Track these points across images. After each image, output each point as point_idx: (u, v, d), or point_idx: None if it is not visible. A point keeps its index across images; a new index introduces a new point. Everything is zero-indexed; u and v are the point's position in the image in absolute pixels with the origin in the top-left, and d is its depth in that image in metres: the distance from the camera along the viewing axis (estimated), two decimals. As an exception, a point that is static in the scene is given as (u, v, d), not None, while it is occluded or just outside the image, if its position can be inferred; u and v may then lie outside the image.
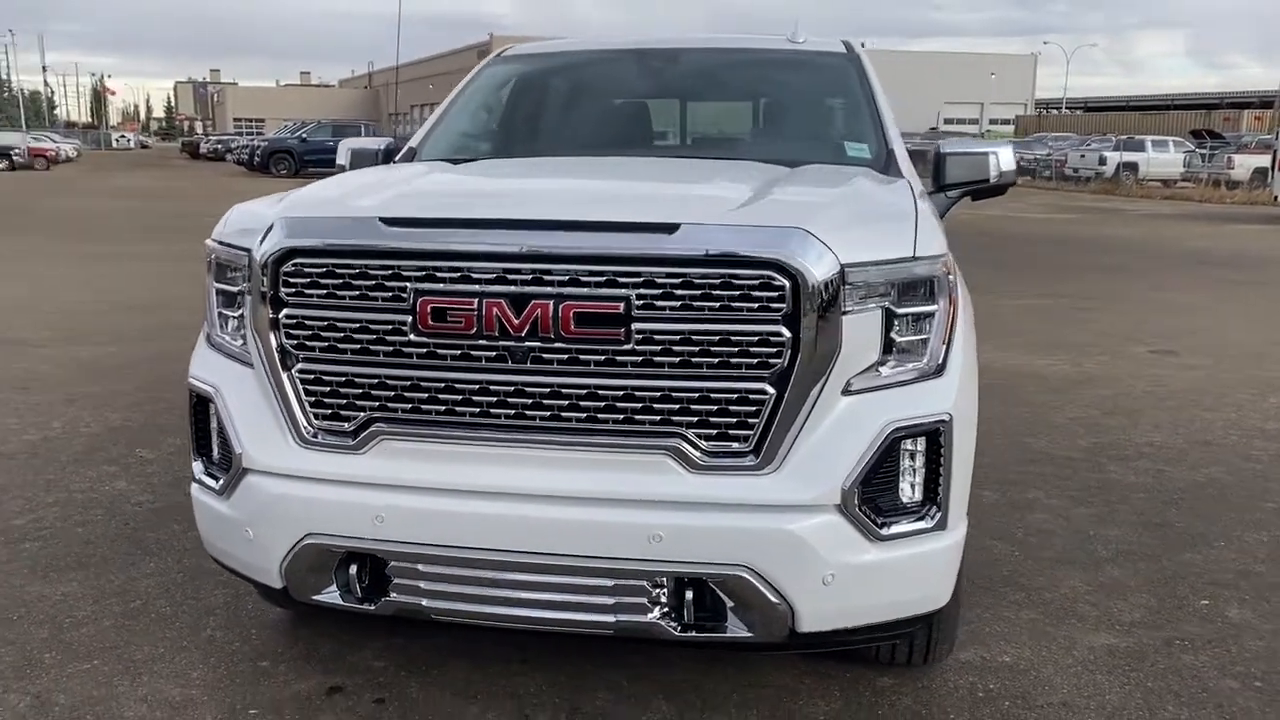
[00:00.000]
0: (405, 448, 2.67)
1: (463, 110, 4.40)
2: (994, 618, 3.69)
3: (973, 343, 2.91)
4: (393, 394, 2.65)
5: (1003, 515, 4.72)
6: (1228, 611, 3.76)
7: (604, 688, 3.19)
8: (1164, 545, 4.38)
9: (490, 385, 2.59)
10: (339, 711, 3.05)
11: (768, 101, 4.44)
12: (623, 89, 4.34)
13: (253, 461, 2.77)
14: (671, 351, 2.51)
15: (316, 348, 2.68)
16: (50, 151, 49.64)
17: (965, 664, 3.36)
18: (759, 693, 3.18)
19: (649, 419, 2.55)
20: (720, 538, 2.54)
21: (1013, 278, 13.03)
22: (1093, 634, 3.57)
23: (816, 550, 2.54)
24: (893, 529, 2.61)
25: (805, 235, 2.50)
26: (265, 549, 2.78)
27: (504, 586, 2.64)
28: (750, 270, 2.47)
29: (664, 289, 2.48)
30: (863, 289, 2.56)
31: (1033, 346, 8.70)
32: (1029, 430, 6.15)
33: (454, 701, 3.11)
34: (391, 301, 2.60)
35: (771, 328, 2.48)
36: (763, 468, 2.54)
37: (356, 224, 2.66)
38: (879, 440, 2.56)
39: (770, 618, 2.58)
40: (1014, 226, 21.10)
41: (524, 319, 2.51)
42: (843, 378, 2.57)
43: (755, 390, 2.52)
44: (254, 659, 3.35)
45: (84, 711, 3.03)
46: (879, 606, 2.69)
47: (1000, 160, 3.91)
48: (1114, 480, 5.24)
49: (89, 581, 3.90)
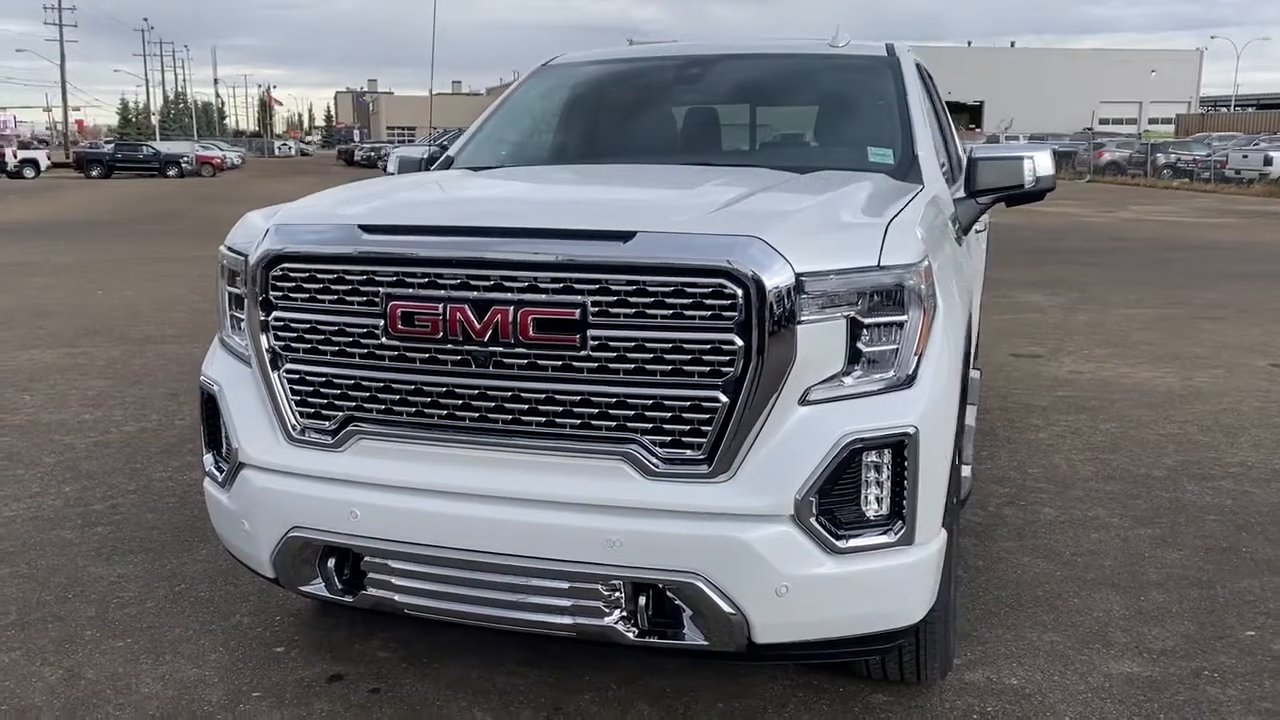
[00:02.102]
0: (380, 447, 2.77)
1: (501, 118, 4.51)
2: (1014, 639, 3.56)
3: (956, 353, 2.82)
4: (368, 395, 2.76)
5: (1056, 533, 4.54)
6: (1273, 645, 3.53)
7: (590, 690, 3.22)
8: (1223, 571, 4.14)
9: (456, 389, 2.66)
10: (334, 699, 3.18)
11: (794, 107, 4.39)
12: (652, 97, 4.36)
13: (248, 456, 2.92)
14: (626, 358, 2.53)
15: (301, 349, 2.81)
16: (216, 159, 52.66)
17: (968, 685, 3.26)
18: (745, 703, 3.16)
19: (605, 425, 2.58)
20: (673, 545, 2.54)
21: (1138, 285, 12.44)
22: (1115, 661, 3.41)
23: (768, 561, 2.52)
24: (852, 542, 2.56)
25: (759, 244, 2.48)
26: (257, 540, 2.93)
27: (468, 585, 2.71)
28: (703, 278, 2.47)
29: (619, 296, 2.51)
30: (821, 298, 2.52)
31: (1141, 358, 8.31)
32: (1112, 446, 5.88)
33: (443, 695, 3.20)
34: (366, 305, 2.70)
35: (724, 336, 2.47)
36: (716, 476, 2.54)
37: (337, 231, 2.77)
38: (835, 451, 2.51)
39: (725, 627, 2.57)
40: (1156, 231, 20.12)
41: (485, 324, 2.57)
42: (800, 387, 2.54)
43: (708, 398, 2.51)
44: (270, 645, 3.52)
45: (105, 686, 3.25)
46: (838, 621, 2.64)
47: (1036, 165, 3.76)
48: (1189, 501, 4.97)
49: (144, 565, 4.16)
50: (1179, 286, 12.40)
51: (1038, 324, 9.97)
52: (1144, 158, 40.62)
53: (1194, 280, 13.00)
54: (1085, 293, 11.96)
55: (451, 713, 3.10)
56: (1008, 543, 4.43)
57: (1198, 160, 37.97)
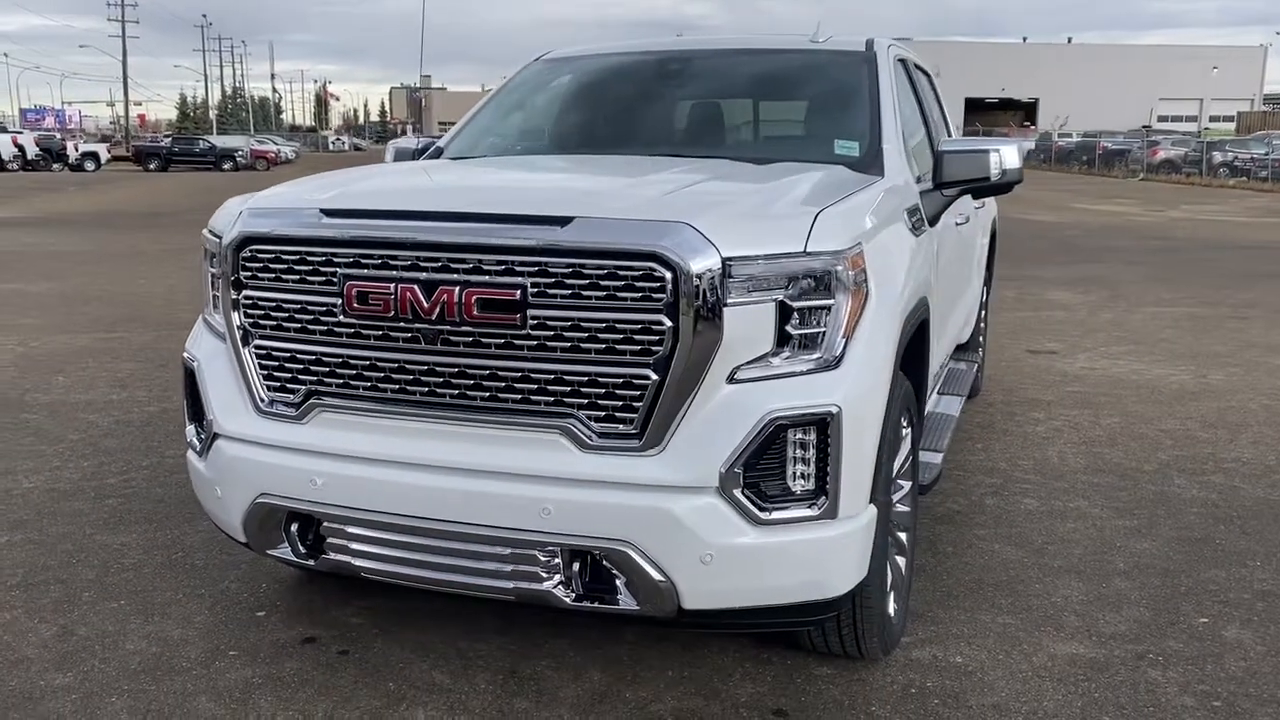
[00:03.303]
0: (339, 419, 2.94)
1: (490, 111, 4.67)
2: (968, 620, 3.65)
3: (890, 338, 2.92)
4: (328, 370, 2.93)
5: (1032, 522, 4.61)
6: (1224, 631, 3.58)
7: (547, 656, 3.37)
8: (1192, 561, 4.18)
9: (407, 364, 2.82)
10: (304, 658, 3.36)
11: (765, 100, 4.49)
12: (630, 91, 4.48)
13: (221, 427, 3.11)
14: (563, 337, 2.67)
15: (268, 326, 2.99)
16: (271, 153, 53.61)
17: (912, 661, 3.36)
18: (693, 671, 3.29)
19: (544, 400, 2.73)
20: (605, 514, 2.68)
21: (1173, 284, 12.32)
22: (1063, 643, 3.48)
23: (693, 530, 2.65)
24: (775, 514, 2.68)
25: (688, 229, 2.61)
26: (229, 506, 3.12)
27: (418, 550, 2.87)
28: (634, 262, 2.60)
29: (556, 278, 2.65)
30: (749, 282, 2.65)
31: (1159, 356, 8.27)
32: (1109, 440, 5.90)
33: (407, 658, 3.36)
34: (325, 285, 2.87)
35: (654, 317, 2.61)
36: (647, 449, 2.67)
37: (300, 215, 2.95)
38: (759, 428, 2.63)
39: (655, 593, 2.71)
40: (1204, 230, 19.80)
41: (433, 303, 2.73)
42: (728, 366, 2.67)
43: (639, 376, 2.65)
44: (253, 609, 3.71)
45: (94, 642, 3.46)
46: (762, 590, 2.77)
47: (1003, 158, 3.84)
48: (1174, 494, 5.00)
49: (147, 534, 4.38)
50: (1215, 286, 12.25)
51: (1061, 321, 9.94)
52: (1199, 156, 39.85)
53: (1232, 280, 12.83)
54: (1116, 291, 11.87)
55: (412, 674, 3.27)
56: (982, 530, 4.51)
57: (1255, 159, 37.19)
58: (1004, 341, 8.77)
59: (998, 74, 79.24)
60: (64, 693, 3.15)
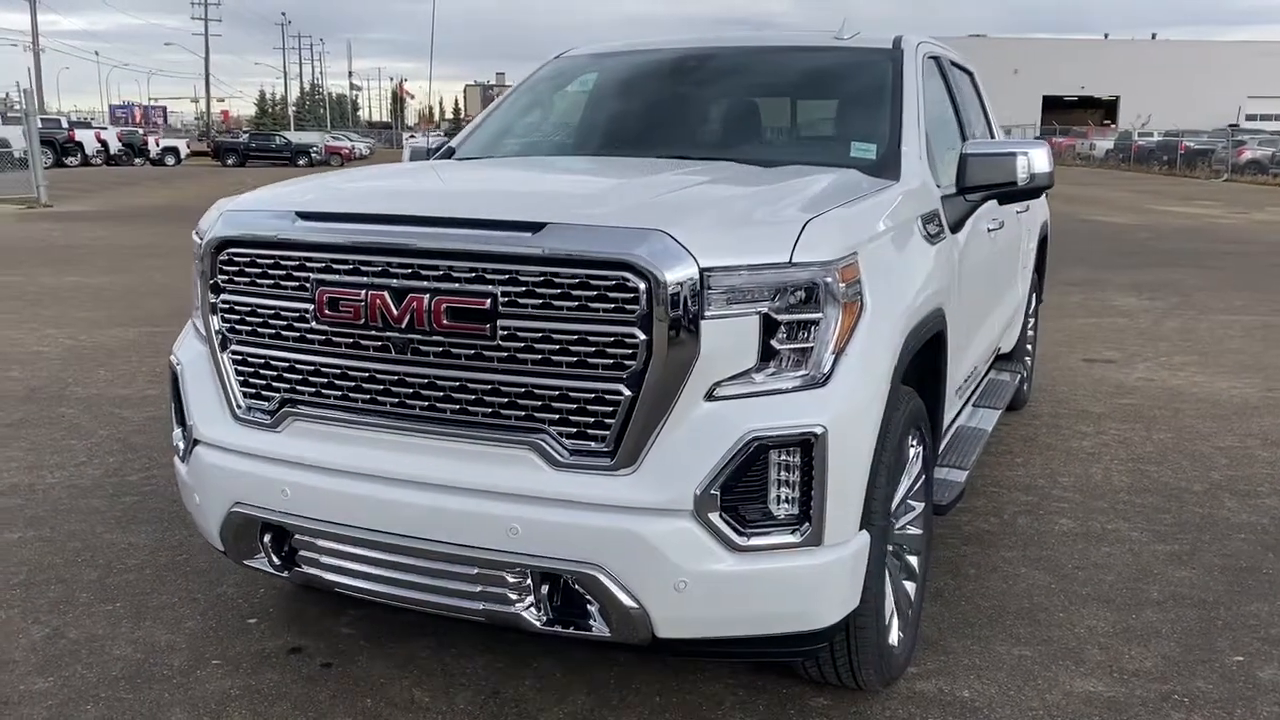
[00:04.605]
0: (311, 429, 2.85)
1: (506, 110, 4.56)
2: (981, 650, 3.45)
3: (888, 354, 2.74)
4: (301, 378, 2.84)
5: (1065, 545, 4.37)
6: (1260, 671, 3.33)
7: (533, 676, 3.25)
8: (1234, 593, 3.92)
9: (378, 374, 2.73)
10: (286, 670, 3.29)
11: (782, 101, 4.31)
12: (645, 90, 4.33)
13: (200, 434, 3.05)
14: (535, 349, 2.55)
15: (244, 331, 2.91)
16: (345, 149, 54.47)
17: (916, 694, 3.17)
18: (683, 697, 3.14)
19: (515, 414, 2.61)
20: (575, 535, 2.55)
21: (1249, 291, 11.78)
22: (1081, 680, 3.27)
23: (666, 555, 2.50)
24: (754, 540, 2.53)
25: (663, 237, 2.47)
26: (207, 513, 3.05)
27: (387, 566, 2.77)
28: (607, 271, 2.47)
29: (527, 286, 2.53)
30: (729, 293, 2.50)
31: (1225, 367, 7.88)
32: (1159, 458, 5.61)
33: (391, 673, 3.27)
34: (298, 290, 2.78)
35: (626, 329, 2.47)
36: (619, 469, 2.54)
37: (276, 218, 2.86)
38: (737, 448, 2.48)
39: (626, 619, 2.57)
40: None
41: (403, 310, 2.62)
42: (706, 382, 2.52)
43: (611, 391, 2.51)
44: (245, 616, 3.65)
45: (82, 646, 3.43)
46: (741, 619, 2.61)
47: (1031, 161, 3.63)
48: (1222, 518, 4.72)
49: (154, 535, 4.37)
50: (1294, 294, 11.72)
51: (1123, 329, 9.56)
52: (1289, 156, 38.37)
53: (1313, 287, 12.26)
54: (1187, 298, 11.40)
55: (392, 691, 3.18)
56: (1010, 552, 4.28)
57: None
58: (1059, 350, 8.45)
59: (1078, 71, 77.21)
60: (41, 698, 3.11)
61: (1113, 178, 40.31)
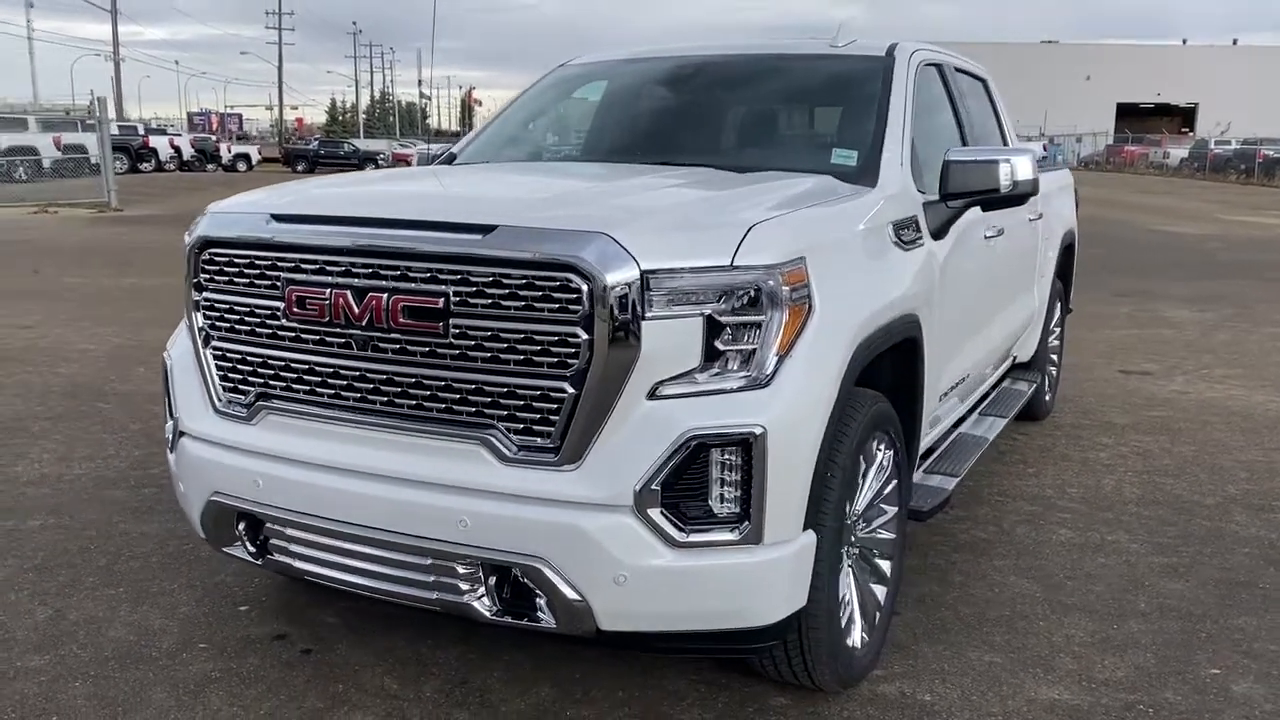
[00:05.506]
0: (282, 422, 2.97)
1: (509, 117, 4.67)
2: (953, 656, 3.45)
3: (837, 357, 2.77)
4: (273, 373, 2.96)
5: (1060, 555, 4.34)
6: (1234, 685, 3.29)
7: (503, 668, 3.33)
8: (1224, 606, 3.86)
9: (341, 370, 2.83)
10: (267, 655, 3.41)
11: (770, 107, 4.34)
12: (638, 97, 4.42)
13: (185, 425, 3.19)
14: (484, 347, 2.63)
15: (223, 328, 3.04)
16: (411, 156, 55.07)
17: (876, 696, 3.19)
18: (644, 693, 3.20)
19: (466, 410, 2.69)
20: (520, 528, 2.63)
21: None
22: (1047, 687, 3.26)
23: (606, 549, 2.57)
24: (694, 537, 2.58)
25: (606, 240, 2.54)
26: (190, 502, 3.20)
27: (349, 555, 2.88)
28: (552, 272, 2.55)
29: (477, 287, 2.62)
30: (671, 295, 2.56)
31: (1267, 381, 7.71)
32: (1177, 471, 5.53)
33: (366, 661, 3.38)
34: (270, 289, 2.90)
35: (570, 329, 2.55)
36: (564, 464, 2.61)
37: (252, 219, 2.99)
38: (676, 446, 2.54)
39: (570, 611, 2.64)
40: (1356, 246, 18.42)
41: (363, 309, 2.73)
42: (649, 381, 2.58)
43: (556, 389, 2.59)
44: (237, 603, 3.80)
45: (80, 628, 3.59)
46: (681, 615, 2.67)
47: (1015, 169, 3.63)
48: (1229, 532, 4.64)
49: (167, 525, 4.54)
50: (1350, 306, 11.38)
51: (1168, 340, 9.38)
52: (1371, 166, 37.17)
53: (1371, 300, 11.90)
54: (1243, 310, 11.13)
55: (364, 678, 3.28)
56: (1001, 561, 4.27)
57: None
58: (1095, 360, 8.33)
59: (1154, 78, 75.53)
60: (35, 674, 3.28)
61: (1185, 186, 39.39)
